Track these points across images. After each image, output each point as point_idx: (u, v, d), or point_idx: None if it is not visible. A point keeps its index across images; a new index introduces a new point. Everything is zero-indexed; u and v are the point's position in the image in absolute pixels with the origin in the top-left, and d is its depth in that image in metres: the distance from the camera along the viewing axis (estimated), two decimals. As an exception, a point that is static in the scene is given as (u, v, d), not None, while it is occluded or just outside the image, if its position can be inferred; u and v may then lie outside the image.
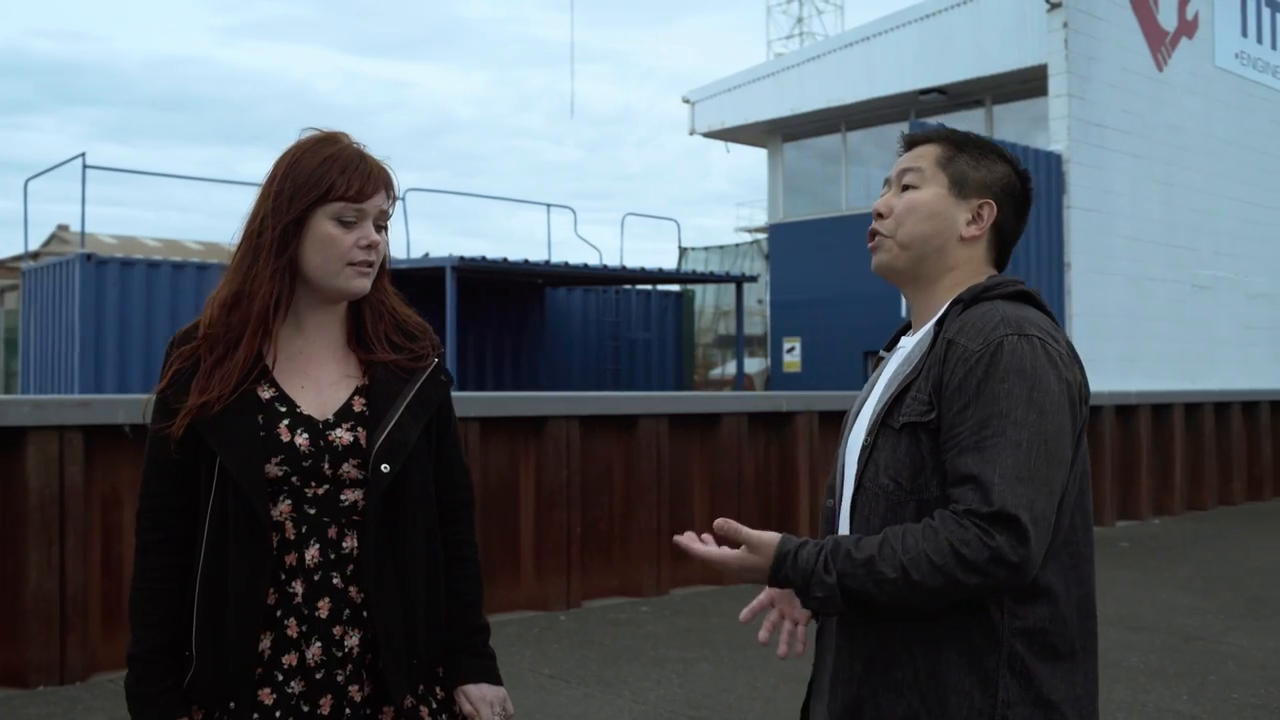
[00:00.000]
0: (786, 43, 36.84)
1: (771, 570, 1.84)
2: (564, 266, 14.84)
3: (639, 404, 8.53)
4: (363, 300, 2.17)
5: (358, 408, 2.10)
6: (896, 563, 1.74)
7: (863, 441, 1.96)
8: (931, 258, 1.99)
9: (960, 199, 1.98)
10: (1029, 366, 1.76)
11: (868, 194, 18.69)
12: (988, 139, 2.05)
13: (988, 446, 1.74)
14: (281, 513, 2.02)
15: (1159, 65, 14.29)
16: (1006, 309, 1.84)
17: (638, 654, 6.48)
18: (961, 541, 1.70)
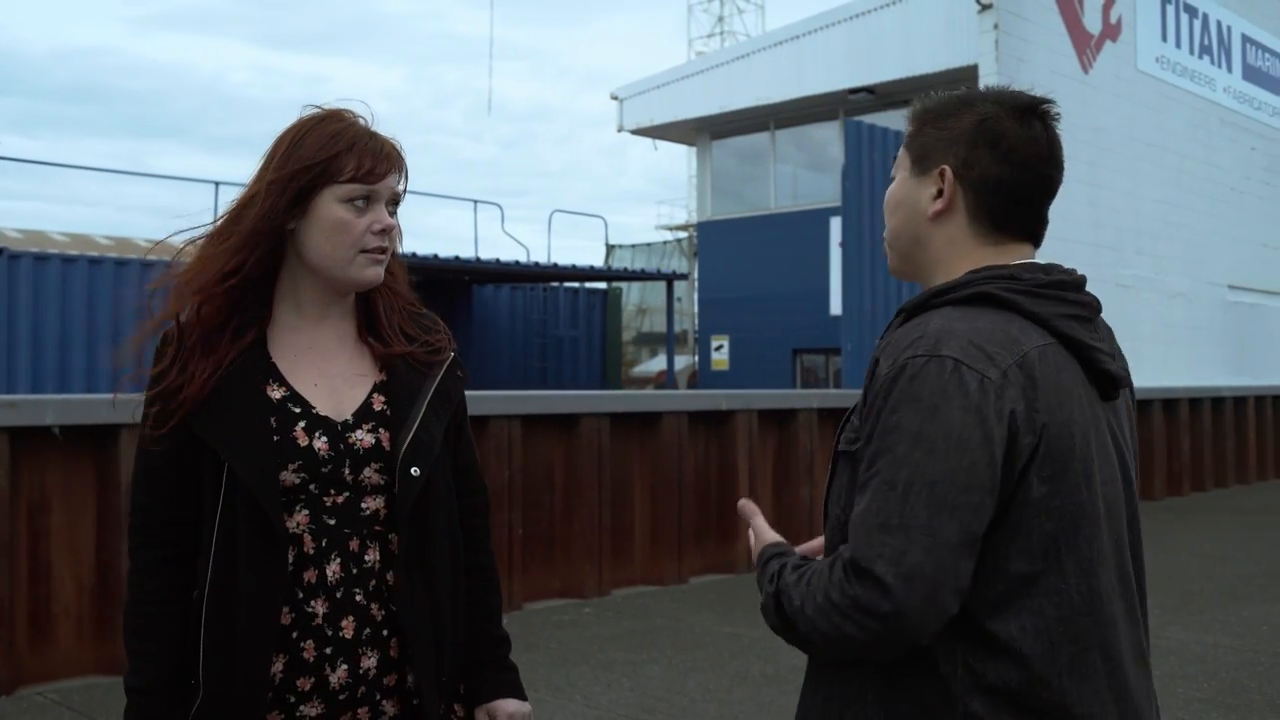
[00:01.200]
0: (707, 41, 36.96)
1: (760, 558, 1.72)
2: (495, 263, 14.68)
3: (580, 403, 8.43)
4: (374, 290, 2.00)
5: (378, 406, 1.94)
6: (799, 591, 1.56)
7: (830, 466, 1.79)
8: (914, 252, 1.74)
9: (922, 175, 1.71)
10: (926, 395, 1.50)
11: (794, 193, 18.78)
12: (966, 92, 1.77)
13: (869, 486, 1.52)
14: (298, 524, 1.85)
15: (1084, 68, 14.52)
16: (938, 321, 1.57)
17: (586, 657, 6.38)
18: (829, 584, 1.52)
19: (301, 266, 1.92)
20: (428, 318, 2.08)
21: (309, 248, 1.90)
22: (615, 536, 8.42)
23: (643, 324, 29.08)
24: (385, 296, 2.02)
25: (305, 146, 1.88)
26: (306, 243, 1.89)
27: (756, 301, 18.13)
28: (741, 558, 9.16)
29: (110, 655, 5.85)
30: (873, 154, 11.87)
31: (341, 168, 1.86)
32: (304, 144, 1.88)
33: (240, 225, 1.88)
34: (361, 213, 1.89)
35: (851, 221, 11.70)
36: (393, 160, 1.92)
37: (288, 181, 1.86)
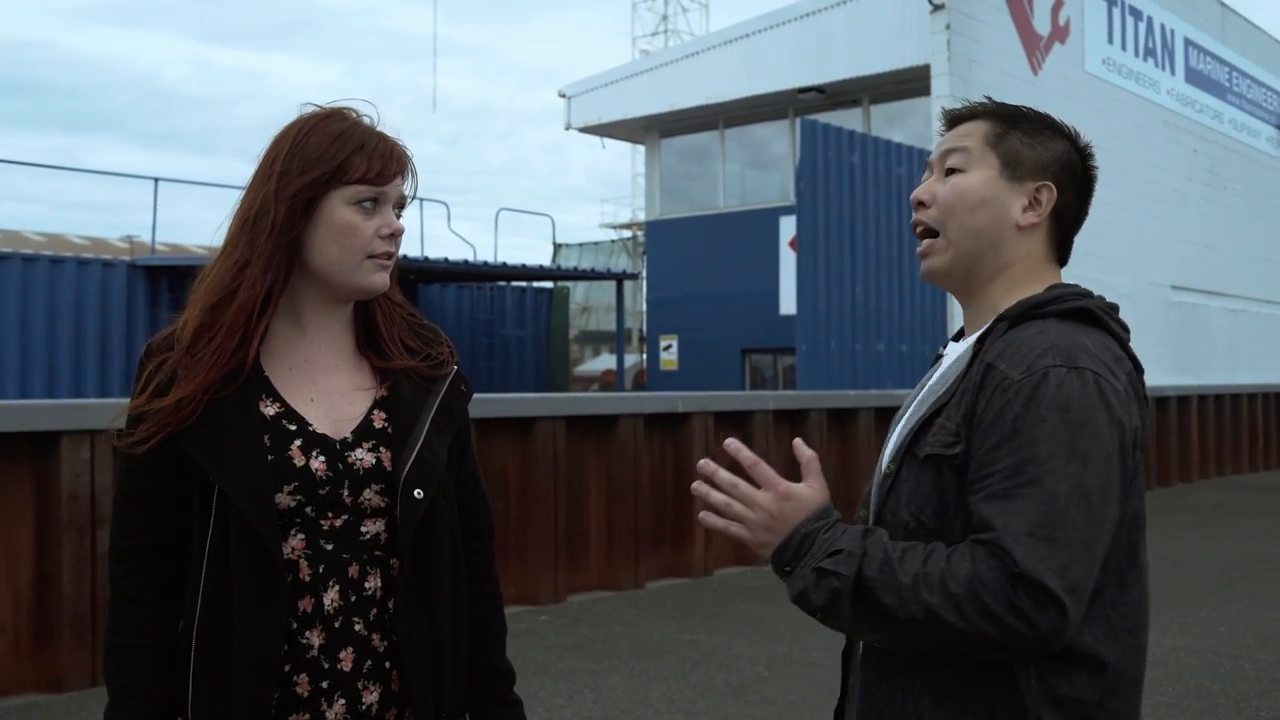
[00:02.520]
0: (651, 40, 36.90)
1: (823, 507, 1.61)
2: (444, 263, 14.45)
3: (535, 406, 8.28)
4: (373, 300, 1.88)
5: (379, 424, 1.82)
6: (915, 571, 1.50)
7: (884, 468, 1.73)
8: (987, 255, 1.72)
9: (1014, 182, 1.71)
10: (1076, 406, 1.51)
11: (743, 192, 18.73)
12: (1042, 113, 1.80)
13: (1018, 496, 1.49)
14: (294, 550, 1.73)
15: (1034, 69, 14.60)
16: (1058, 332, 1.58)
17: (545, 667, 6.23)
18: (981, 581, 1.46)
19: (303, 273, 1.80)
20: (428, 329, 1.96)
21: (314, 252, 1.78)
22: (571, 541, 8.29)
23: (586, 323, 28.95)
24: (384, 307, 1.91)
25: (310, 147, 1.77)
26: (311, 247, 1.78)
27: (705, 301, 18.05)
28: (698, 562, 9.07)
29: (50, 672, 5.62)
30: (827, 153, 11.81)
31: (350, 168, 1.75)
32: (309, 144, 1.77)
33: (257, 246, 1.76)
34: (369, 216, 1.79)
35: (806, 221, 11.64)
36: (401, 162, 1.82)
37: (297, 188, 1.75)
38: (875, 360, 12.36)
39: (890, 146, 12.75)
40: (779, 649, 6.65)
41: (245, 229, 1.77)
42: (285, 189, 1.74)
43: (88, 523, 5.74)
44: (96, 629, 5.65)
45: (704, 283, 18.03)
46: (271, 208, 1.74)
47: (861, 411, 10.58)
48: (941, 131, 1.85)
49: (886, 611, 1.52)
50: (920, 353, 12.94)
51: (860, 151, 12.24)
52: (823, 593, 1.55)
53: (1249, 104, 20.81)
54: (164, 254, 18.47)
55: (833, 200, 11.85)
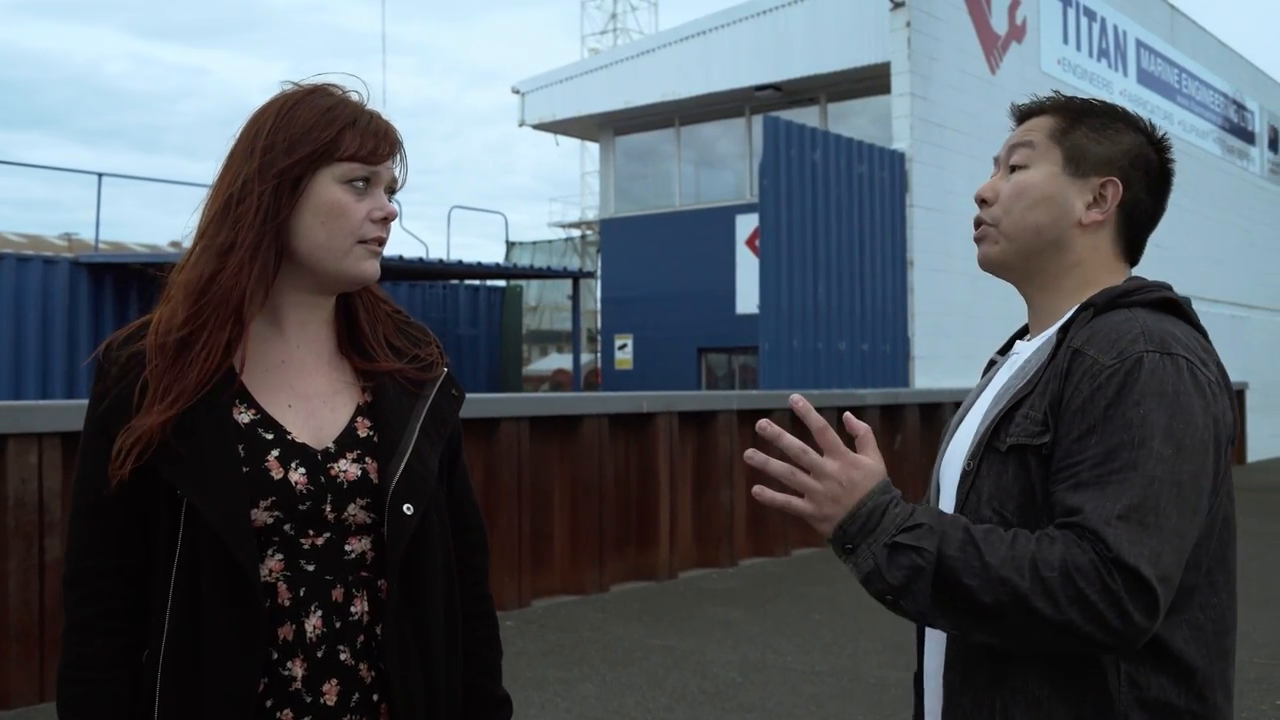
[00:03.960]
0: (600, 38, 36.76)
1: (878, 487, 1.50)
2: (398, 260, 14.20)
3: (500, 406, 8.10)
4: (356, 294, 1.72)
5: (363, 432, 1.66)
6: (1001, 555, 1.42)
7: (963, 466, 1.64)
8: (1047, 251, 1.69)
9: (1077, 177, 1.67)
10: (1171, 391, 1.46)
11: (698, 191, 18.61)
12: (1114, 105, 1.73)
13: (1111, 482, 1.43)
14: (271, 571, 1.57)
15: (992, 68, 14.60)
16: (1148, 320, 1.54)
17: (515, 675, 6.05)
18: (1076, 565, 1.38)
19: (285, 262, 1.63)
20: (415, 328, 1.80)
21: (299, 236, 1.61)
22: (535, 545, 8.12)
23: (537, 322, 28.75)
24: (368, 303, 1.74)
25: (297, 121, 1.60)
26: (296, 231, 1.61)
27: (660, 300, 17.90)
28: (663, 565, 8.93)
29: (-4, 687, 5.36)
30: (789, 150, 11.71)
31: (341, 144, 1.60)
32: (295, 118, 1.60)
33: (241, 230, 1.58)
34: (361, 197, 1.63)
35: (769, 219, 11.53)
36: (394, 143, 1.68)
37: (284, 165, 1.58)
38: (837, 359, 12.29)
39: (852, 144, 12.68)
40: (751, 654, 6.52)
41: (226, 212, 1.60)
42: (270, 166, 1.58)
43: (35, 530, 5.49)
44: (45, 641, 5.40)
45: (659, 281, 17.88)
46: (255, 187, 1.58)
47: (825, 411, 10.42)
48: (1012, 128, 1.79)
49: (968, 595, 1.43)
50: (882, 351, 12.89)
51: (822, 149, 12.15)
52: (899, 570, 1.46)
53: (1197, 105, 21.03)
54: (107, 251, 18.02)
55: (795, 198, 11.75)
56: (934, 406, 11.84)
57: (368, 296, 1.75)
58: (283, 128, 1.60)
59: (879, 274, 12.84)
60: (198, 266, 1.59)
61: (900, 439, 11.37)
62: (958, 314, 13.94)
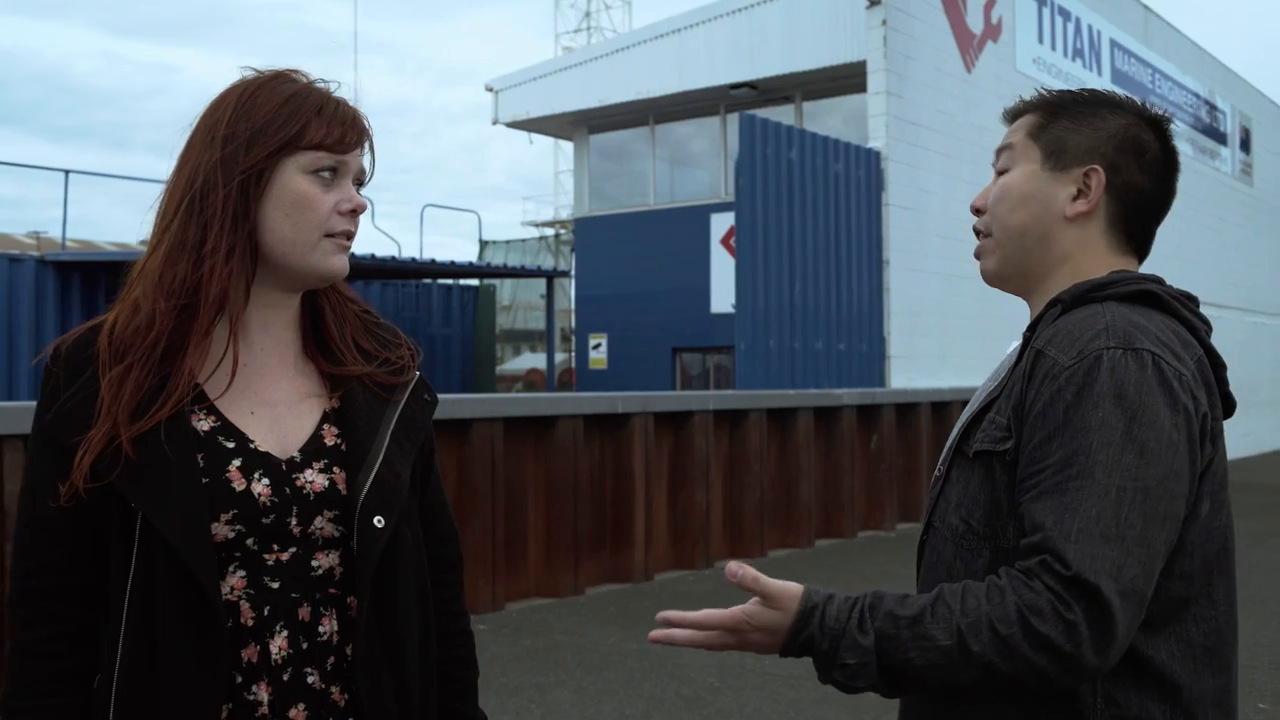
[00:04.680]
0: (574, 37, 36.65)
1: (792, 628, 1.43)
2: (370, 259, 14.05)
3: (473, 407, 7.98)
4: (322, 293, 1.62)
5: (330, 440, 1.56)
6: (951, 626, 1.35)
7: (936, 470, 1.60)
8: (1035, 251, 1.61)
9: (1058, 171, 1.60)
10: (1132, 391, 1.38)
11: (672, 190, 18.53)
12: (1103, 92, 1.66)
13: (1069, 490, 1.35)
14: (233, 589, 1.48)
15: (968, 67, 14.57)
16: (1117, 313, 1.46)
17: (488, 682, 5.91)
18: (1031, 609, 1.31)
19: None
20: (385, 329, 1.71)
21: (263, 231, 1.52)
22: (509, 547, 8.01)
23: (511, 321, 28.65)
24: (335, 302, 1.65)
25: (259, 109, 1.51)
26: (260, 225, 1.52)
27: (635, 299, 17.81)
28: (638, 567, 8.84)
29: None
30: (765, 148, 11.64)
31: (306, 133, 1.50)
32: (257, 106, 1.51)
33: (212, 229, 1.49)
34: (328, 188, 1.54)
35: (745, 217, 11.45)
36: (363, 131, 1.58)
37: (249, 155, 1.48)
38: (814, 359, 12.23)
39: (828, 142, 12.62)
40: (728, 658, 6.43)
41: (189, 208, 1.50)
42: (233, 158, 1.49)
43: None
44: (4, 649, 5.24)
45: (634, 281, 17.79)
46: (219, 180, 1.48)
47: (801, 411, 10.44)
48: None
49: (929, 679, 1.38)
50: (858, 351, 12.84)
51: (798, 147, 12.08)
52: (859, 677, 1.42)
53: (1171, 105, 21.09)
54: (74, 250, 17.78)
55: (770, 196, 11.67)
56: (910, 406, 11.80)
57: (335, 296, 1.66)
58: (244, 116, 1.51)
59: (855, 273, 12.79)
60: (170, 267, 1.50)
61: (876, 439, 11.32)
62: (933, 314, 13.91)
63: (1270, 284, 24.84)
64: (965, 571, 1.49)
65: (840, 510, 10.89)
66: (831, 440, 10.85)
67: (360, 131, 1.57)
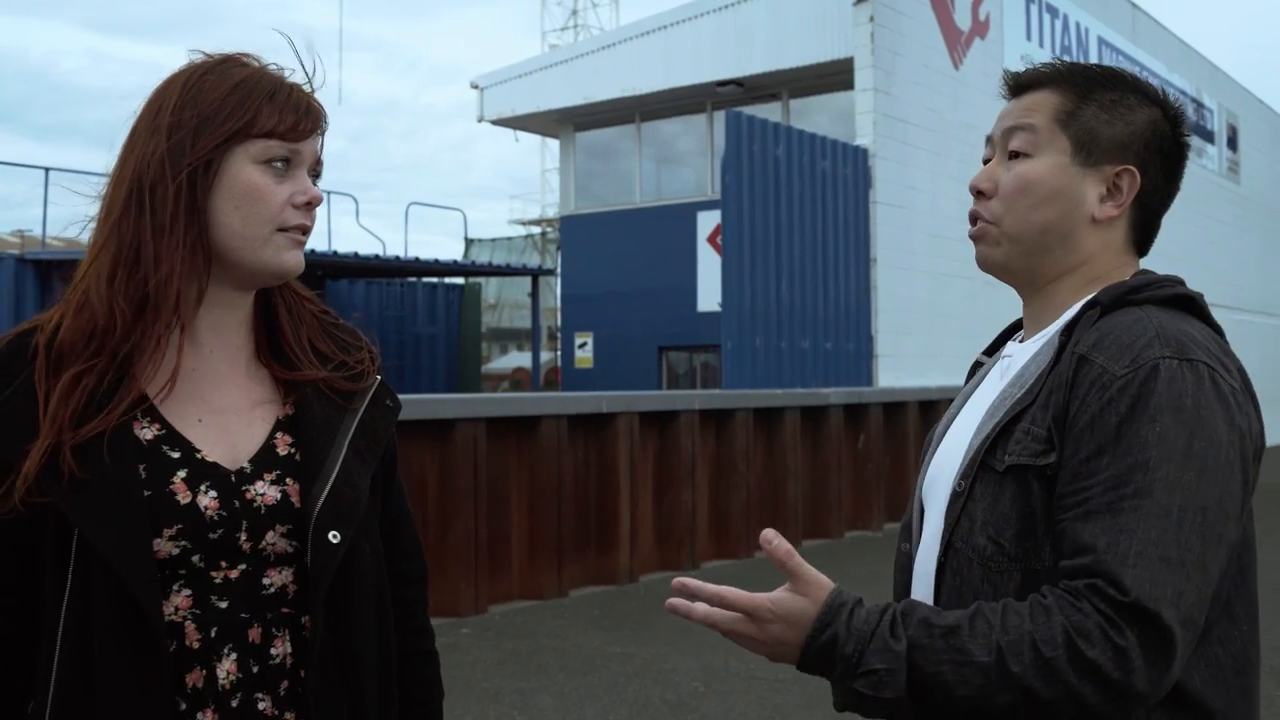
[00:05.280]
0: (561, 35, 36.54)
1: (817, 621, 1.31)
2: (354, 257, 13.92)
3: (456, 407, 7.87)
4: (275, 292, 1.52)
5: (283, 449, 1.47)
6: (990, 643, 1.24)
7: (953, 486, 1.44)
8: (1055, 250, 1.48)
9: (1088, 167, 1.47)
10: (1190, 405, 1.28)
11: (659, 188, 18.43)
12: (1123, 73, 1.52)
13: (1125, 510, 1.25)
14: (178, 609, 1.38)
15: (955, 63, 14.51)
16: (1162, 319, 1.36)
17: (469, 687, 5.84)
18: (1080, 632, 1.21)
19: None
20: (344, 330, 1.61)
21: (213, 225, 1.43)
22: (492, 549, 7.91)
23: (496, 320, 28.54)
24: (290, 302, 1.55)
25: (206, 96, 1.41)
26: (209, 219, 1.43)
27: (621, 298, 17.70)
28: (623, 568, 8.74)
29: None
30: (752, 145, 11.54)
31: (257, 120, 1.41)
32: (203, 92, 1.41)
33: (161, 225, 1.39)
34: (281, 179, 1.44)
35: (731, 215, 11.35)
36: (317, 118, 1.48)
37: (194, 145, 1.39)
38: (800, 358, 12.14)
39: (815, 140, 12.54)
40: (714, 662, 6.34)
41: (138, 203, 1.40)
42: (180, 147, 1.39)
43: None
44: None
45: (620, 279, 17.68)
46: (166, 173, 1.38)
47: (787, 411, 10.35)
48: (1005, 96, 1.56)
49: (959, 699, 1.26)
50: (845, 350, 12.75)
51: (785, 144, 11.99)
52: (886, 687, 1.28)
53: (1157, 104, 21.11)
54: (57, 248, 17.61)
55: (757, 194, 11.58)
56: (898, 405, 11.72)
57: (290, 295, 1.56)
58: (190, 103, 1.41)
59: (842, 272, 12.70)
60: (121, 266, 1.40)
61: (863, 439, 11.24)
62: (921, 312, 13.84)
63: (1257, 282, 24.85)
64: (994, 597, 1.36)
65: (827, 510, 10.80)
66: (818, 440, 10.76)
67: (315, 118, 1.47)
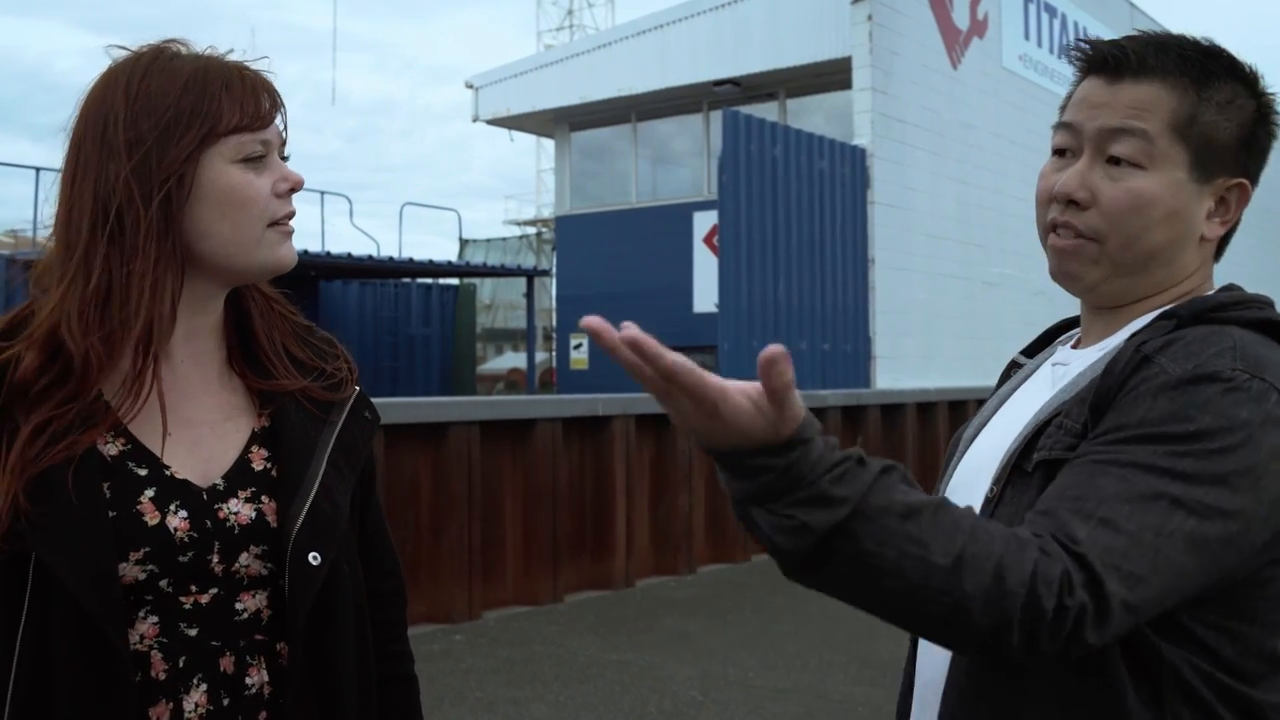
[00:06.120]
0: (556, 35, 36.46)
1: (770, 430, 0.99)
2: (347, 258, 13.81)
3: (449, 410, 7.77)
4: (247, 296, 1.42)
5: (259, 465, 1.37)
6: (954, 548, 1.03)
7: (986, 492, 1.31)
8: (1157, 275, 1.32)
9: (1203, 183, 1.29)
10: (1243, 417, 1.14)
11: (654, 188, 18.33)
12: (1223, 52, 1.33)
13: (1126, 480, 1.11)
14: (144, 638, 1.28)
15: (954, 63, 14.41)
16: (1244, 339, 1.22)
17: (462, 695, 5.72)
18: (1044, 580, 1.04)
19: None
20: (319, 338, 1.50)
21: (198, 237, 1.33)
22: (486, 554, 7.79)
23: (491, 320, 28.45)
24: (261, 306, 1.44)
25: (158, 100, 1.30)
26: (192, 231, 1.33)
27: (617, 298, 17.58)
28: (619, 573, 8.63)
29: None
30: (749, 145, 11.44)
31: (222, 117, 1.30)
32: (152, 96, 1.30)
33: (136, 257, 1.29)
34: (260, 171, 1.34)
35: (729, 215, 11.25)
36: (274, 94, 1.37)
37: (162, 160, 1.28)
38: (798, 359, 12.00)
39: (813, 139, 12.43)
40: (712, 668, 6.23)
41: (107, 233, 1.28)
42: (146, 165, 1.27)
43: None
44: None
45: (615, 279, 17.58)
46: (135, 194, 1.27)
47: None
48: (1076, 75, 1.36)
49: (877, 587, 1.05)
50: (842, 351, 12.65)
51: (783, 144, 11.89)
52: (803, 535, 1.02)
53: (1155, 104, 21.05)
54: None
55: (754, 194, 11.47)
56: (896, 407, 11.61)
57: (260, 298, 1.45)
58: (143, 112, 1.29)
59: (840, 272, 12.60)
60: (92, 303, 1.29)
61: (862, 440, 11.13)
62: (919, 313, 13.74)
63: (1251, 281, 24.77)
64: None
65: (825, 513, 10.69)
66: (816, 442, 10.65)
67: (273, 96, 1.37)
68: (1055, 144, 1.36)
